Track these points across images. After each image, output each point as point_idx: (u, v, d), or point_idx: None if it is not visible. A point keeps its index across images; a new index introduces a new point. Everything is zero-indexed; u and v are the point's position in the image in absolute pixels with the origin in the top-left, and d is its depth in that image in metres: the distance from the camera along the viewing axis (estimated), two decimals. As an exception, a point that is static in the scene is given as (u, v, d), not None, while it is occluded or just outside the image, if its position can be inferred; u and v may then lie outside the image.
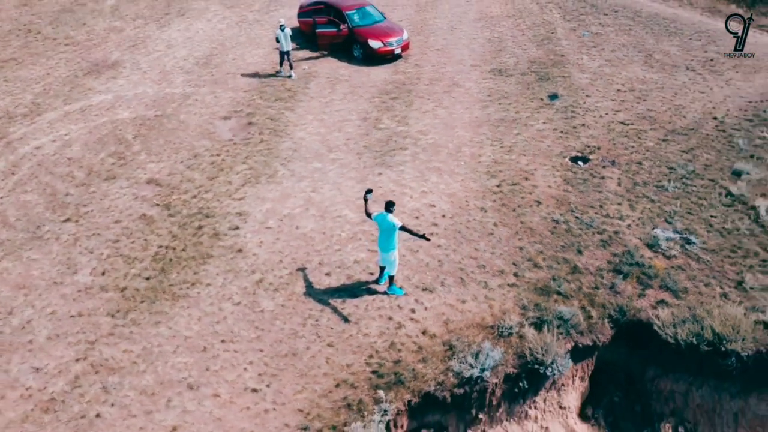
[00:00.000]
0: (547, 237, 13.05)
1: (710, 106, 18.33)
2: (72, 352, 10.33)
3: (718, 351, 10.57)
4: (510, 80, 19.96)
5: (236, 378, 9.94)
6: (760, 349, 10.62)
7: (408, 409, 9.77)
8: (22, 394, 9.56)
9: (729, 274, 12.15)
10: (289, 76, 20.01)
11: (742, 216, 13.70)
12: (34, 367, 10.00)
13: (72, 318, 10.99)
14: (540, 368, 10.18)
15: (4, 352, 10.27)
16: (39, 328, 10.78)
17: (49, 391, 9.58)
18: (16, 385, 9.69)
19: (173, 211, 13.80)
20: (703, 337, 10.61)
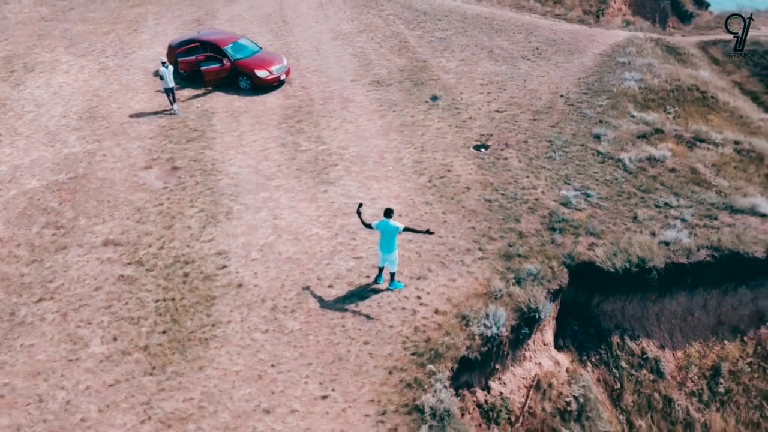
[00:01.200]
0: (488, 214, 15.67)
1: (554, 87, 22.50)
2: (133, 416, 10.56)
3: (643, 270, 14.03)
4: (391, 89, 22.37)
5: (302, 392, 11.03)
6: (666, 261, 14.27)
7: (452, 375, 11.68)
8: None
9: (624, 213, 15.82)
10: (174, 112, 20.39)
11: (614, 168, 17.63)
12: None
13: (112, 387, 11.09)
14: (535, 315, 12.73)
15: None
16: (84, 405, 10.75)
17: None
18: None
19: (149, 266, 13.98)
20: (632, 262, 13.99)
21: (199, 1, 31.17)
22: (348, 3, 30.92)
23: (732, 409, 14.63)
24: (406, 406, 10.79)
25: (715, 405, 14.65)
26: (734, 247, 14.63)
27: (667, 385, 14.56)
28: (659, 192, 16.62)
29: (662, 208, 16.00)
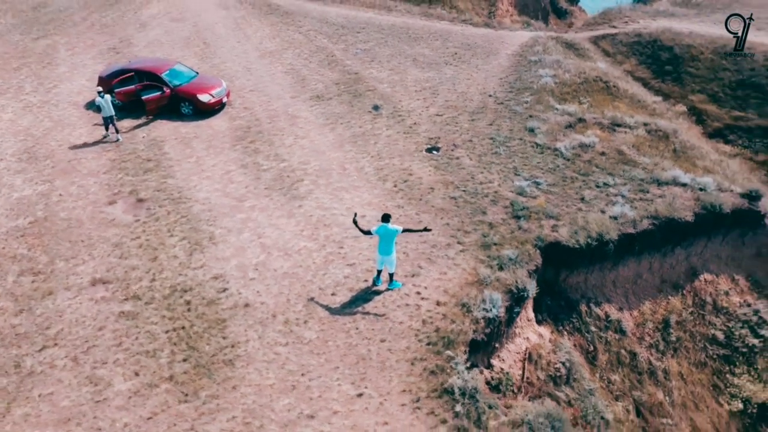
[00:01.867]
0: (456, 210, 17.04)
1: (481, 88, 24.38)
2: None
3: (601, 243, 15.96)
4: (332, 102, 23.24)
5: (338, 394, 11.77)
6: (618, 233, 16.31)
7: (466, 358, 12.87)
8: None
9: (572, 195, 17.78)
10: (117, 140, 20.21)
11: (554, 157, 19.64)
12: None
13: (151, 419, 11.24)
14: (523, 294, 14.22)
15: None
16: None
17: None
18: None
19: (147, 299, 14.03)
20: (591, 237, 15.88)
21: (108, 29, 30.29)
22: (264, 21, 31.32)
23: (683, 354, 16.95)
24: (435, 390, 11.84)
25: (669, 352, 16.91)
26: (668, 214, 16.97)
27: (630, 341, 16.61)
28: (596, 174, 18.78)
29: (602, 188, 18.12)
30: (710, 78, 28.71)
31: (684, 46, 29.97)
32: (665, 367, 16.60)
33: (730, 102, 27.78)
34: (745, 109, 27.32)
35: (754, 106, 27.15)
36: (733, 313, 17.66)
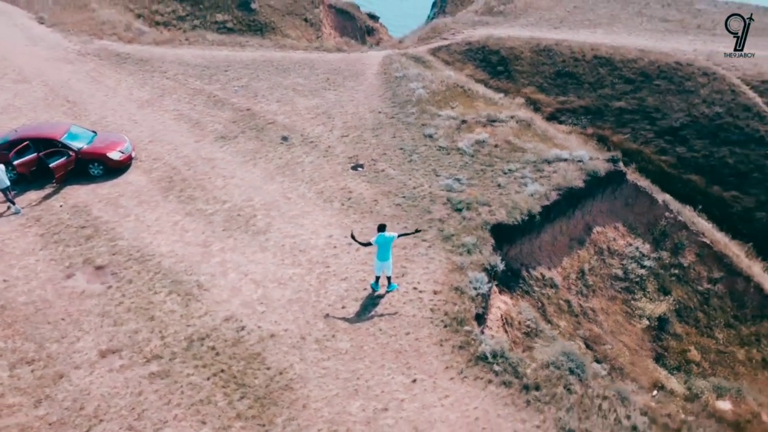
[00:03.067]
0: (407, 215, 19.28)
1: (368, 107, 26.86)
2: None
3: (530, 217, 19.35)
4: (240, 140, 23.99)
5: (397, 385, 13.40)
6: (539, 207, 19.83)
7: (477, 329, 15.21)
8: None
9: (490, 184, 21.02)
10: (17, 212, 19.30)
11: (460, 155, 22.79)
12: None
13: (244, 454, 11.86)
14: (495, 269, 16.95)
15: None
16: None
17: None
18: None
19: (170, 356, 14.18)
20: (523, 214, 19.18)
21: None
22: (121, 71, 30.45)
23: (600, 293, 21.06)
24: (470, 360, 14.02)
25: (590, 294, 20.89)
26: (567, 185, 20.97)
27: (562, 292, 20.24)
28: (499, 163, 22.28)
29: (509, 173, 21.63)
30: (534, 72, 34.32)
31: (507, 49, 35.36)
32: (591, 306, 20.51)
33: (554, 90, 33.55)
34: (566, 94, 33.23)
35: (572, 90, 33.17)
36: (623, 253, 22.27)
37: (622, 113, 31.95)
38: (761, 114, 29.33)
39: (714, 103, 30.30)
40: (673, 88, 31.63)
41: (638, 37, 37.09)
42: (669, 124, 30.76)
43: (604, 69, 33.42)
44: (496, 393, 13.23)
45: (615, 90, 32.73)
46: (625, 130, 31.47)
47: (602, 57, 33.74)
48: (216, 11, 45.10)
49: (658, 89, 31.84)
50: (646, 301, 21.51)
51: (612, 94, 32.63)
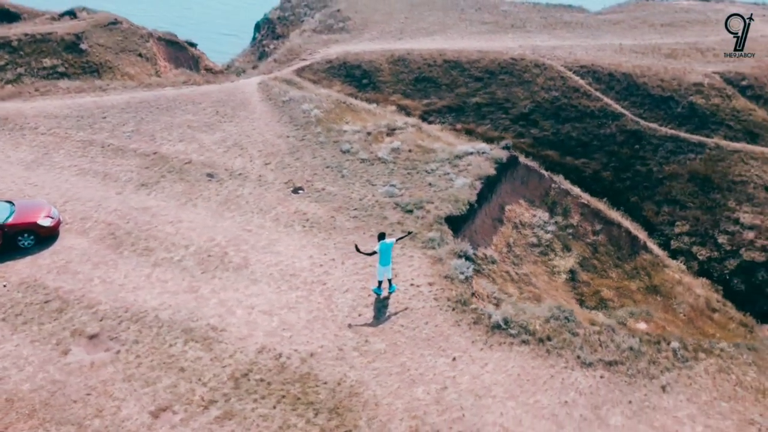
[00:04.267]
0: (366, 224, 21.05)
1: (273, 133, 27.82)
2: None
3: (470, 207, 22.26)
4: (165, 185, 23.58)
5: (442, 366, 15.30)
6: (474, 196, 22.82)
7: (476, 306, 17.61)
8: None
9: (423, 184, 23.56)
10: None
11: (382, 164, 24.99)
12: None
13: (350, 458, 12.97)
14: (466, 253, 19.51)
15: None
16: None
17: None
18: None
19: (221, 398, 14.48)
20: (465, 204, 22.02)
21: None
22: (-22, 133, 27.56)
23: (526, 260, 24.69)
24: (488, 331, 16.42)
25: (520, 263, 24.41)
26: (484, 174, 24.28)
27: (501, 265, 23.49)
28: (420, 165, 24.91)
29: (432, 172, 24.38)
30: (396, 81, 37.63)
31: (367, 62, 38.23)
32: (524, 272, 24.05)
33: (417, 95, 37.13)
34: (429, 97, 37.02)
35: (433, 93, 37.05)
36: (531, 224, 26.23)
37: (479, 107, 36.48)
38: (587, 93, 35.69)
39: (551, 89, 36.07)
40: (515, 81, 36.91)
41: (471, 40, 42.33)
42: (520, 111, 35.91)
43: (455, 71, 37.75)
44: (521, 351, 15.78)
45: (469, 88, 37.20)
46: (486, 122, 36.02)
47: (451, 60, 38.09)
48: (41, 56, 41.63)
49: (504, 83, 36.93)
50: (558, 259, 25.68)
51: (467, 92, 37.05)
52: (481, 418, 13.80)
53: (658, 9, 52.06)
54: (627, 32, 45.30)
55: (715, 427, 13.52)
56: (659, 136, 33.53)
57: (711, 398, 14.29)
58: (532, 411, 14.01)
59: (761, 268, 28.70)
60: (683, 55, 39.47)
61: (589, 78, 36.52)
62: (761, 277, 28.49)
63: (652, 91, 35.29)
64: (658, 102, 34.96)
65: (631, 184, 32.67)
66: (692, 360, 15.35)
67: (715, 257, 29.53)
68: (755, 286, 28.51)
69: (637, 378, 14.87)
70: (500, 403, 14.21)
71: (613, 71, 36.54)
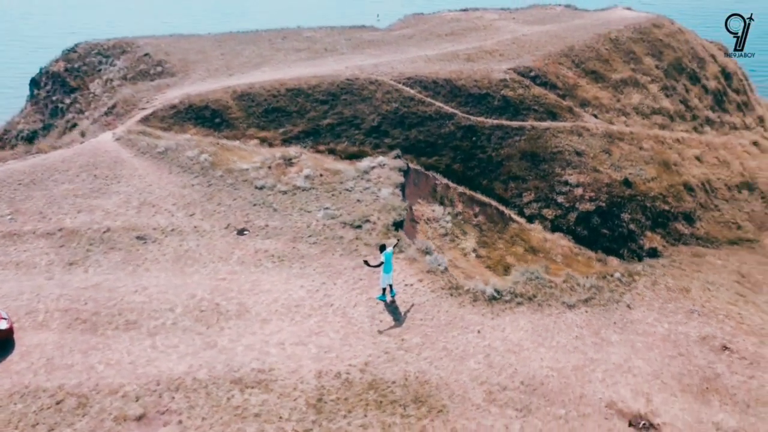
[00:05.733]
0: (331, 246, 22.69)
1: (176, 185, 27.39)
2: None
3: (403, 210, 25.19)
4: (96, 256, 22.02)
5: (476, 339, 18.08)
6: (404, 202, 25.76)
7: (463, 288, 20.65)
8: None
9: (351, 201, 25.79)
10: None
11: (305, 192, 26.56)
12: None
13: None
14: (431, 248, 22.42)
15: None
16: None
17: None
18: None
19: (310, 424, 15.46)
20: (402, 209, 24.85)
21: None
22: None
23: (446, 249, 28.37)
24: (489, 303, 19.61)
25: (441, 253, 28.01)
26: (396, 182, 27.31)
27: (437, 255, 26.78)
28: (336, 185, 27.05)
29: (352, 189, 26.72)
30: (247, 116, 38.47)
31: (213, 102, 38.47)
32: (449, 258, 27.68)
33: (272, 125, 38.48)
34: (284, 126, 38.69)
35: (287, 121, 38.86)
36: (435, 218, 29.93)
37: (333, 127, 39.25)
38: (422, 100, 40.78)
39: (390, 101, 40.38)
40: (357, 99, 40.49)
41: (299, 67, 44.84)
42: (369, 125, 39.54)
43: (300, 98, 40.05)
44: (521, 311, 19.30)
45: (318, 111, 39.77)
46: (342, 140, 38.89)
47: (293, 88, 40.28)
48: None
49: (348, 102, 40.30)
50: (463, 242, 29.85)
51: (318, 115, 39.56)
52: (528, 366, 16.93)
53: (435, 21, 60.08)
54: (423, 44, 51.87)
55: (674, 322, 18.53)
56: (488, 127, 39.87)
57: (660, 304, 19.38)
58: (559, 349, 17.58)
59: (594, 215, 36.37)
60: (478, 58, 46.99)
61: (418, 87, 41.63)
62: (595, 222, 36.10)
63: (471, 90, 41.63)
64: (479, 99, 41.44)
65: (479, 170, 38.36)
66: (632, 282, 20.36)
67: (560, 214, 36.50)
68: (593, 229, 36.02)
69: (608, 305, 19.38)
70: (534, 351, 17.51)
71: (435, 79, 42.16)
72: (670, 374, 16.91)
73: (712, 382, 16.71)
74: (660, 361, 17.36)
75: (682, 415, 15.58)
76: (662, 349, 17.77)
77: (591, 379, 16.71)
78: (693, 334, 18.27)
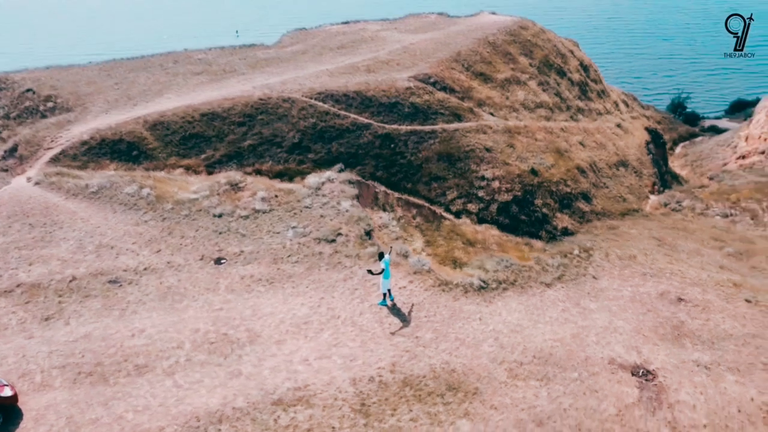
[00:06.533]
0: (313, 262, 23.46)
1: (128, 223, 26.54)
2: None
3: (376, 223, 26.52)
4: (72, 306, 21.02)
5: (479, 324, 19.94)
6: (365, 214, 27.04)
7: (449, 283, 22.45)
8: None
9: (317, 217, 26.64)
10: None
11: (266, 213, 26.95)
12: None
13: (496, 407, 16.89)
14: (408, 252, 23.97)
15: None
16: None
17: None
18: None
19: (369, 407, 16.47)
20: (368, 220, 26.15)
21: None
22: None
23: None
24: (477, 293, 21.56)
25: (398, 255, 29.60)
26: (352, 194, 28.52)
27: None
28: (295, 204, 27.69)
29: (312, 206, 27.54)
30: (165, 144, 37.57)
31: (126, 134, 37.07)
32: (406, 260, 29.34)
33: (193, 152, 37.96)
34: (205, 151, 38.26)
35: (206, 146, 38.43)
36: (385, 224, 31.44)
37: (255, 148, 39.46)
38: (336, 114, 42.18)
39: (306, 117, 41.33)
40: (274, 117, 41.02)
41: (204, 91, 44.28)
42: (291, 141, 40.26)
43: (216, 122, 39.81)
44: (508, 295, 21.47)
45: (236, 134, 39.77)
46: (266, 159, 39.29)
47: (207, 113, 39.96)
48: None
49: (265, 122, 40.70)
50: (414, 243, 31.70)
51: (237, 138, 39.58)
52: (533, 342, 19.10)
53: (322, 35, 61.45)
54: (319, 58, 53.13)
55: (634, 285, 21.66)
56: (403, 133, 42.14)
57: (618, 271, 22.48)
58: (553, 322, 19.95)
59: (512, 204, 39.90)
60: (378, 69, 49.20)
61: (331, 101, 42.91)
62: (514, 210, 39.63)
63: (381, 100, 43.65)
64: (390, 108, 43.57)
65: (402, 175, 40.40)
66: (590, 257, 23.36)
67: (482, 207, 39.59)
68: (513, 217, 39.52)
69: (578, 279, 22.13)
70: (533, 328, 19.73)
71: (345, 92, 43.66)
72: (647, 328, 19.88)
73: (680, 328, 19.92)
74: (635, 319, 20.31)
75: (667, 359, 18.51)
76: (633, 308, 20.77)
77: (588, 343, 19.19)
78: (653, 293, 21.50)
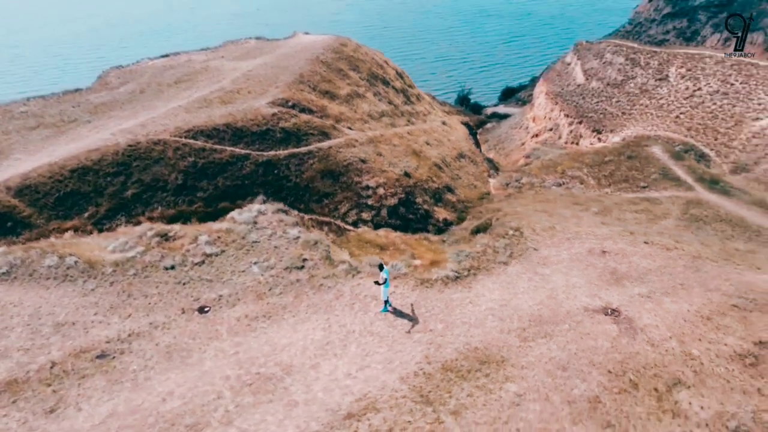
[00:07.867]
0: (302, 292, 24.59)
1: (78, 300, 24.75)
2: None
3: (321, 242, 28.17)
4: (74, 391, 19.73)
5: (474, 307, 23.20)
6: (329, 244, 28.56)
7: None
8: None
9: (266, 250, 27.51)
10: None
11: (219, 256, 27.10)
12: None
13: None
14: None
15: None
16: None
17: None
18: None
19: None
20: (322, 243, 27.78)
21: None
22: None
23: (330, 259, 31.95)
24: (456, 282, 24.76)
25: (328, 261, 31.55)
26: (292, 222, 29.76)
27: (342, 275, 30.27)
28: (241, 242, 28.14)
29: (260, 240, 28.26)
30: (41, 210, 34.69)
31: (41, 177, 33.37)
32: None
33: (74, 212, 35.45)
34: (86, 209, 35.85)
35: (87, 204, 36.05)
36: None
37: (139, 196, 38.29)
38: (213, 149, 42.16)
39: (184, 156, 40.89)
40: (150, 162, 40.00)
41: (57, 146, 40.89)
42: (175, 183, 39.66)
43: (89, 176, 37.75)
44: (480, 278, 24.96)
45: (115, 185, 38.15)
46: (155, 206, 38.37)
47: (76, 168, 37.71)
48: None
49: (142, 167, 39.53)
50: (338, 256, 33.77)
51: (117, 189, 37.92)
52: (523, 310, 22.85)
53: (148, 71, 58.95)
54: (162, 95, 51.53)
55: (567, 248, 26.63)
56: (284, 158, 43.64)
57: (549, 240, 27.31)
58: (527, 291, 23.94)
59: (399, 206, 43.72)
60: (232, 99, 49.51)
61: (203, 137, 42.69)
62: (402, 212, 43.55)
63: (252, 129, 44.47)
64: (262, 135, 44.58)
65: (293, 198, 41.97)
66: (521, 235, 27.92)
67: (374, 214, 42.87)
68: (402, 218, 43.45)
69: (524, 253, 26.49)
70: (515, 299, 23.50)
71: (214, 126, 43.75)
72: (594, 278, 24.81)
73: (615, 273, 25.21)
74: (582, 274, 25.17)
75: (620, 298, 23.53)
76: (576, 266, 25.66)
77: (561, 300, 23.46)
78: (582, 251, 26.63)
